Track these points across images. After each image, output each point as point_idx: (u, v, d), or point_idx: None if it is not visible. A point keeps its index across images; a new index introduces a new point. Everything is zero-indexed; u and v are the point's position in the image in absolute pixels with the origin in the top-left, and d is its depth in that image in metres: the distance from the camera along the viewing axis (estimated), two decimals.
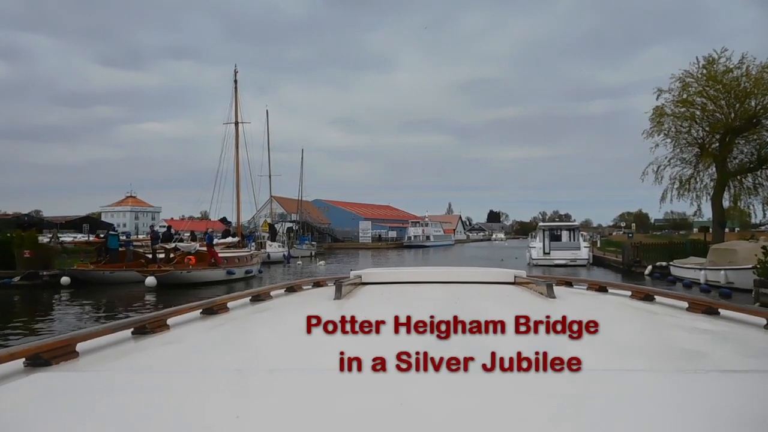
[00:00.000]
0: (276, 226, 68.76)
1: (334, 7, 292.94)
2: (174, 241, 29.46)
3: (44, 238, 32.45)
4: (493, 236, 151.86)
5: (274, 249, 45.93)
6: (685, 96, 29.87)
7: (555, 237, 40.79)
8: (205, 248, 27.76)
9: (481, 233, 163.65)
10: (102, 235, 29.15)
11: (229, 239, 33.25)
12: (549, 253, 38.22)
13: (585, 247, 38.86)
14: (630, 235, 63.07)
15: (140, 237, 33.31)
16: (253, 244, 43.40)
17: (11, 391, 1.34)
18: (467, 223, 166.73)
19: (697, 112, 29.93)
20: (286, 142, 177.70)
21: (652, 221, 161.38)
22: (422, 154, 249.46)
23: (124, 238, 29.47)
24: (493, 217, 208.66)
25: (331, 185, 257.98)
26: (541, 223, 42.70)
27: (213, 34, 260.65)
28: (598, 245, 50.71)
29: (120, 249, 27.61)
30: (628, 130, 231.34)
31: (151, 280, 24.39)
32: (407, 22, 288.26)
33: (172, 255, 26.57)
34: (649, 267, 29.19)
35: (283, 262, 44.74)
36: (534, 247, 39.63)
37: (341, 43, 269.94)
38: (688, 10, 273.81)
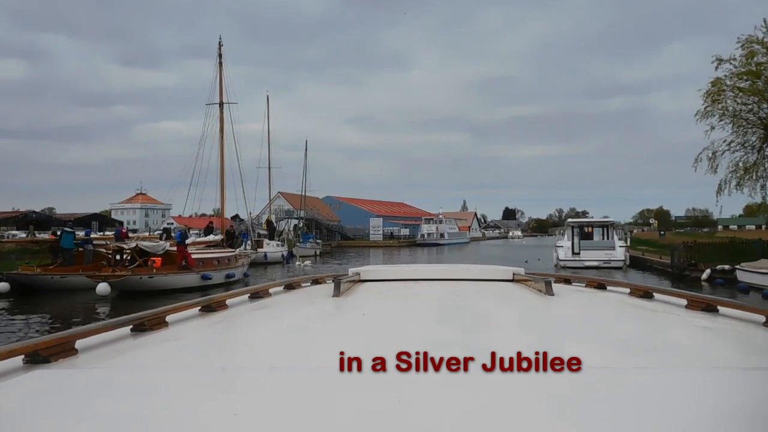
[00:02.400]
0: (281, 223, 64.18)
1: (351, 6, 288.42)
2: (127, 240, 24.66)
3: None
4: (510, 234, 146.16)
5: (272, 248, 40.95)
6: (750, 67, 24.41)
7: (586, 235, 35.22)
8: (176, 248, 22.96)
9: (497, 231, 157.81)
10: (58, 233, 24.29)
11: (211, 237, 28.25)
12: (579, 254, 32.76)
13: (621, 246, 33.21)
14: (662, 233, 57.20)
15: (100, 234, 28.31)
16: (249, 242, 39.07)
17: (10, 389, 1.31)
18: (482, 220, 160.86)
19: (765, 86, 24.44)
20: (301, 140, 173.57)
21: (673, 218, 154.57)
22: (438, 153, 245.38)
23: (82, 235, 24.67)
24: (509, 214, 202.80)
25: (346, 184, 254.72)
26: (569, 219, 36.97)
27: (230, 33, 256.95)
28: (628, 243, 45.08)
29: (78, 249, 23.00)
30: (647, 128, 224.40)
31: (103, 288, 19.66)
32: (423, 20, 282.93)
33: (129, 256, 21.76)
34: (707, 271, 23.84)
35: (282, 263, 39.83)
36: (561, 247, 34.16)
37: (357, 42, 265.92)
38: (707, 7, 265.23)
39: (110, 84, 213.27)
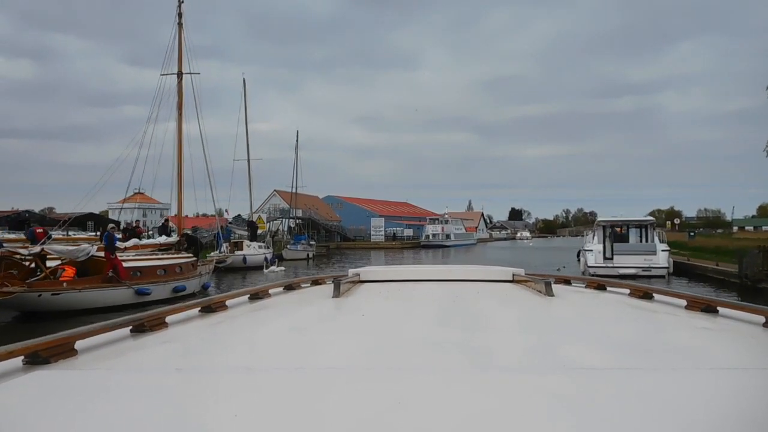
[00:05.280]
0: (275, 222, 58.40)
1: (359, 5, 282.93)
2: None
3: None
4: (518, 235, 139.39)
5: (253, 251, 35.01)
6: None
7: (619, 237, 29.23)
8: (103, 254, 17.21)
9: (504, 232, 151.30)
10: None
11: (162, 239, 22.41)
12: (612, 259, 26.81)
13: (663, 250, 27.07)
14: (691, 234, 50.98)
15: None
16: (226, 245, 33.35)
17: (10, 390, 1.29)
18: (488, 221, 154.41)
19: None
20: (308, 140, 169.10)
21: (683, 219, 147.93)
22: (444, 152, 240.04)
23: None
24: (515, 214, 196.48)
25: (351, 184, 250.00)
26: (599, 219, 30.68)
27: (238, 33, 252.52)
28: None
29: None
30: (654, 128, 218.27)
31: None
32: (432, 20, 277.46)
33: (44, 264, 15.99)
34: None
35: (265, 268, 33.81)
36: (590, 251, 28.13)
37: (366, 42, 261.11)
38: (716, 5, 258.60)
39: (118, 84, 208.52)
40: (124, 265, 17.70)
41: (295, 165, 52.47)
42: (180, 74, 23.18)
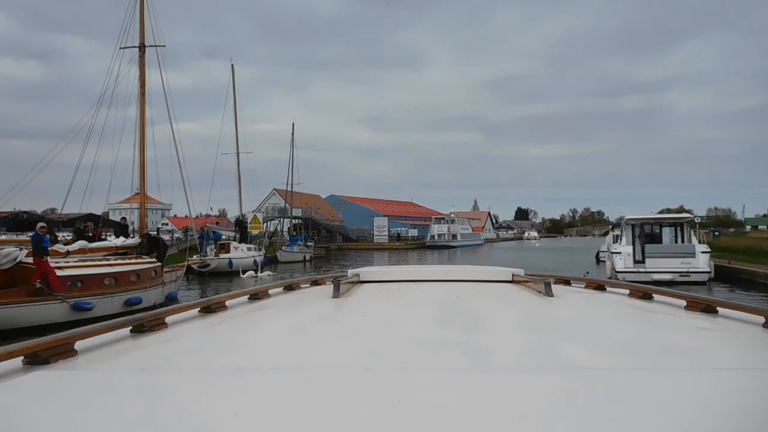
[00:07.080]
0: (274, 222, 54.95)
1: (366, 5, 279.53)
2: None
3: None
4: (525, 235, 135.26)
5: (240, 253, 31.29)
6: None
7: (651, 237, 25.55)
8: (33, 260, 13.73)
9: (511, 231, 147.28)
10: None
11: (120, 241, 18.90)
12: (643, 262, 23.17)
13: (703, 252, 23.35)
14: (716, 233, 47.13)
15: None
16: (212, 247, 29.93)
17: (9, 390, 1.29)
18: (494, 220, 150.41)
19: None
20: (313, 140, 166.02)
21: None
22: (450, 152, 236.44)
23: None
24: (521, 214, 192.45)
25: (356, 184, 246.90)
26: (628, 217, 26.90)
27: (245, 33, 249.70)
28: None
29: None
30: (661, 127, 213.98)
31: None
32: (439, 20, 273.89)
33: None
34: None
35: (255, 271, 30.10)
36: (618, 253, 24.45)
37: (372, 42, 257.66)
38: (723, 4, 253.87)
39: (125, 85, 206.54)
40: (62, 273, 14.22)
41: (291, 161, 48.90)
42: (142, 47, 19.63)
